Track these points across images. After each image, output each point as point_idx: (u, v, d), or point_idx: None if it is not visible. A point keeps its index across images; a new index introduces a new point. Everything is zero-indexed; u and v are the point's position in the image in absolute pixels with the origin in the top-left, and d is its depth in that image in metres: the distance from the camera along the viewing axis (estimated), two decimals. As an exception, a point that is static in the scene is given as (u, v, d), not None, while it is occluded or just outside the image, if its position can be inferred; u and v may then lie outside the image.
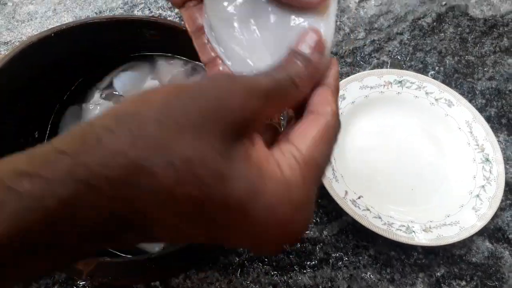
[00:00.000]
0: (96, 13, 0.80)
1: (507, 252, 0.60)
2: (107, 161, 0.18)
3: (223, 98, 0.21)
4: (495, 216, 0.60)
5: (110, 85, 0.61)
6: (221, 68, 0.31)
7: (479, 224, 0.57)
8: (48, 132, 0.57)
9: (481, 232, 0.60)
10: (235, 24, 0.29)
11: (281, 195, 0.22)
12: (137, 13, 0.81)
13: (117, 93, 0.61)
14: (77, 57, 0.58)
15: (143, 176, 0.18)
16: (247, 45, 0.29)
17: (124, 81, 0.62)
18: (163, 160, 0.18)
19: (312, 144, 0.24)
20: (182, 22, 0.77)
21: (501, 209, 0.63)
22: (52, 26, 0.77)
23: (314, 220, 0.60)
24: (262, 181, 0.21)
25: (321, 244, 0.58)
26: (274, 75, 0.24)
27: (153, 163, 0.18)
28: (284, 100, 0.25)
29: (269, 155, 0.23)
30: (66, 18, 0.80)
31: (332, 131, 0.26)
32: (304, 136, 0.24)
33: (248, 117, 0.22)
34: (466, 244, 0.59)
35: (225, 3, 0.28)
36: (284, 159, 0.23)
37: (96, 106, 0.60)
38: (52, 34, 0.52)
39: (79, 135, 0.19)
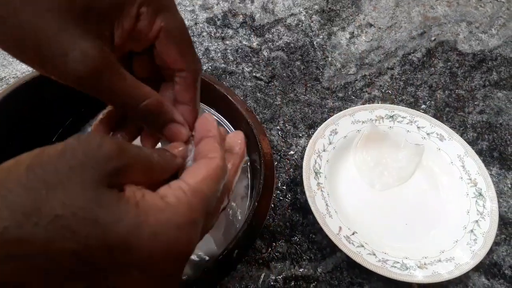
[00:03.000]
0: (91, 49, 0.82)
1: (504, 288, 0.59)
2: None
3: (91, 154, 0.22)
4: (491, 251, 0.60)
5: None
6: None
7: (474, 261, 0.56)
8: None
9: (477, 268, 0.59)
10: None
11: (164, 222, 0.23)
12: (132, 49, 0.82)
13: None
14: (71, 95, 0.58)
15: (14, 246, 0.19)
16: None
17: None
18: (30, 224, 0.19)
19: (201, 179, 0.25)
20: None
21: (496, 243, 0.62)
22: (47, 63, 0.78)
23: (307, 257, 0.59)
24: (142, 215, 0.22)
25: (315, 282, 0.57)
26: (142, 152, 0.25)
27: (21, 230, 0.19)
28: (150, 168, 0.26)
29: (147, 192, 0.24)
30: (61, 55, 0.81)
31: (221, 172, 0.27)
32: (194, 174, 0.26)
33: (118, 169, 0.23)
34: (462, 280, 0.59)
35: None
36: (170, 191, 0.24)
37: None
38: (46, 73, 0.52)
39: None
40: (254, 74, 0.80)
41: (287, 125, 0.73)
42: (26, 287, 0.20)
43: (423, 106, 0.78)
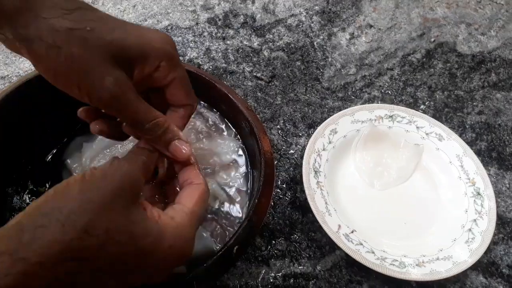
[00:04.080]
0: (93, 48, 0.82)
1: (501, 287, 0.59)
2: (43, 251, 0.25)
3: (124, 181, 0.31)
4: (488, 250, 0.60)
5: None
6: None
7: (471, 260, 0.56)
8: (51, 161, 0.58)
9: (475, 266, 0.59)
10: None
11: (176, 236, 0.33)
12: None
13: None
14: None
15: (74, 252, 0.26)
16: None
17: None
18: (88, 236, 0.26)
19: (195, 202, 0.37)
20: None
21: (494, 243, 0.63)
22: (50, 62, 0.79)
23: (307, 255, 0.60)
24: (162, 231, 0.31)
25: (315, 279, 0.58)
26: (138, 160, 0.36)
27: (82, 241, 0.26)
28: (146, 171, 0.36)
29: (162, 213, 0.34)
30: (63, 54, 0.81)
31: (207, 194, 0.39)
32: (189, 198, 0.37)
33: (138, 191, 0.33)
34: (460, 278, 0.59)
35: None
36: (176, 214, 0.35)
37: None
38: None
39: (14, 235, 0.25)
40: (254, 74, 0.80)
41: (287, 125, 0.73)
42: (77, 281, 0.26)
43: (422, 106, 0.78)
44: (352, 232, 0.59)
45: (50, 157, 0.58)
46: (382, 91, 0.80)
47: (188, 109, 0.43)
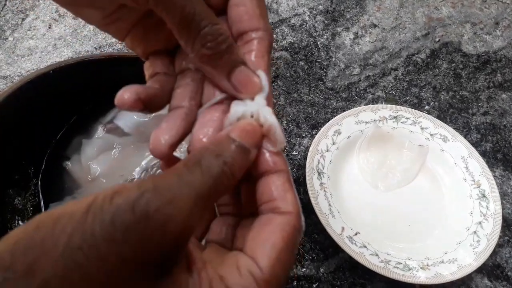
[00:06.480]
0: (95, 48, 0.82)
1: (507, 290, 0.59)
2: None
3: (153, 236, 0.17)
4: (494, 252, 0.60)
5: (112, 120, 0.62)
6: None
7: (477, 263, 0.56)
8: (43, 167, 0.57)
9: (480, 269, 0.59)
10: None
11: None
12: (136, 48, 0.82)
13: (121, 127, 0.61)
14: (76, 92, 0.58)
15: None
16: None
17: (126, 118, 0.62)
18: None
19: (276, 257, 0.20)
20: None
21: (499, 245, 0.62)
22: (52, 61, 0.79)
23: (310, 257, 0.59)
24: None
25: (318, 282, 0.57)
26: (211, 170, 0.20)
27: None
28: (220, 194, 0.21)
29: (215, 278, 0.19)
30: (66, 53, 0.81)
31: (298, 235, 0.22)
32: (265, 246, 0.21)
33: (182, 241, 0.18)
34: (465, 281, 0.59)
35: None
36: (239, 281, 0.19)
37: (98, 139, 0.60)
38: (51, 72, 0.52)
39: None
40: (257, 74, 0.80)
41: (290, 125, 0.73)
42: None
43: (427, 107, 0.77)
44: (356, 234, 0.59)
45: (51, 157, 0.58)
46: (386, 91, 0.79)
47: (267, 36, 0.26)
